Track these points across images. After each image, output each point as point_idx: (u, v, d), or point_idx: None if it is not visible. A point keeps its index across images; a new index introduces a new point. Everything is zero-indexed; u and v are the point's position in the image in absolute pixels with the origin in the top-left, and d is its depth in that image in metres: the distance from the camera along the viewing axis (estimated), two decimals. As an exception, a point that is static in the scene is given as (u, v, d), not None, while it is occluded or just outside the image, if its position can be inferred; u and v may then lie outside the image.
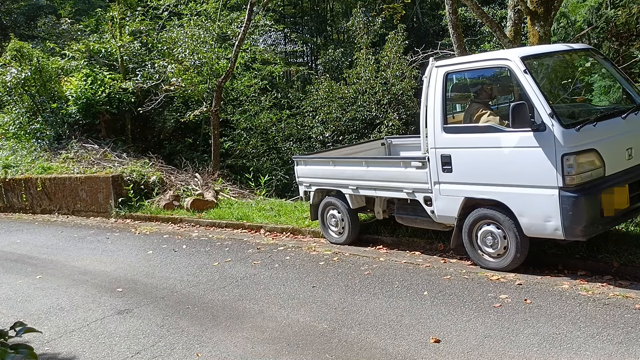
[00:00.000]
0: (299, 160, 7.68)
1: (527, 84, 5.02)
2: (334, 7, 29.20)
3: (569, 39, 9.88)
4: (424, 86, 5.87)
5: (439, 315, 4.64)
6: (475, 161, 5.42)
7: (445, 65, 5.76)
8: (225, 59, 15.80)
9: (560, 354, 3.80)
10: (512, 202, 5.17)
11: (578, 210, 4.77)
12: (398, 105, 13.55)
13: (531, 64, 5.38)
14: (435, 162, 5.73)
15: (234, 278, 6.30)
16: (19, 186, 13.14)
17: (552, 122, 4.83)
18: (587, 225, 4.82)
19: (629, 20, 9.12)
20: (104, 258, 7.91)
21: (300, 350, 4.28)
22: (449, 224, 5.93)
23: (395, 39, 14.05)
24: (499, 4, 19.14)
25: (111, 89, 14.69)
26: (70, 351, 4.76)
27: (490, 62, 5.58)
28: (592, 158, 4.92)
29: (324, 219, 7.42)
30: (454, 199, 5.66)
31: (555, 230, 4.92)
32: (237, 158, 16.49)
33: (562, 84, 6.27)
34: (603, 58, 6.19)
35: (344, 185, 6.93)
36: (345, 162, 7.10)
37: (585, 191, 4.81)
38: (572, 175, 4.79)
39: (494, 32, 8.27)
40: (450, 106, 5.96)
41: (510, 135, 5.10)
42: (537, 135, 4.91)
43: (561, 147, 4.79)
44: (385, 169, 6.47)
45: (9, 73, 14.46)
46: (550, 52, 6.05)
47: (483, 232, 5.54)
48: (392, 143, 8.37)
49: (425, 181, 5.91)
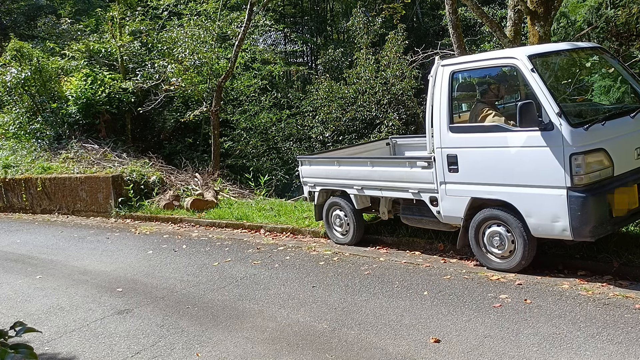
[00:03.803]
0: (304, 161, 7.62)
1: (534, 82, 4.97)
2: (334, 7, 29.20)
3: (569, 39, 9.88)
4: (430, 85, 5.81)
5: (439, 315, 4.64)
6: (482, 161, 5.37)
7: (451, 64, 5.71)
8: (225, 59, 15.80)
9: (560, 354, 3.80)
10: (519, 203, 5.12)
11: (586, 210, 4.71)
12: (398, 105, 13.55)
13: (538, 62, 5.30)
14: (441, 162, 5.68)
15: (234, 278, 6.30)
16: (19, 186, 13.14)
17: (560, 121, 4.77)
18: (595, 226, 4.76)
19: (629, 20, 9.12)
20: (104, 258, 7.91)
21: (300, 350, 4.28)
22: (455, 224, 5.87)
23: (395, 39, 14.06)
24: (499, 4, 19.14)
25: (111, 89, 14.69)
26: (70, 351, 4.76)
27: (497, 60, 5.51)
28: (600, 158, 4.86)
29: (329, 219, 7.37)
30: (460, 199, 5.61)
31: (564, 230, 4.87)
32: (237, 158, 16.50)
33: (568, 83, 6.23)
34: (610, 56, 6.13)
35: (349, 185, 6.88)
36: (350, 162, 7.04)
37: (594, 191, 4.76)
38: (581, 175, 4.73)
39: (494, 32, 8.27)
40: (457, 105, 5.91)
41: (518, 134, 5.04)
42: (545, 135, 4.86)
43: (569, 147, 4.74)
44: (390, 169, 6.42)
45: (9, 73, 14.46)
46: (557, 51, 5.97)
47: (490, 232, 5.48)
48: (396, 143, 8.30)
49: (431, 181, 5.86)
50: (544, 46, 6.29)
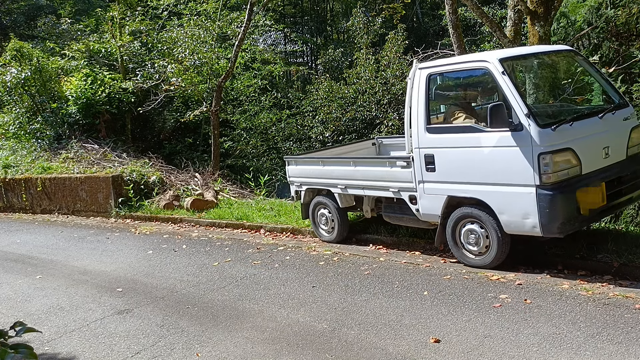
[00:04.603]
0: (290, 160, 7.84)
1: (505, 85, 5.15)
2: (334, 7, 29.20)
3: (569, 39, 9.87)
4: (408, 87, 6.00)
5: (439, 315, 4.64)
6: (457, 160, 5.54)
7: (428, 67, 5.89)
8: (225, 59, 15.80)
9: (560, 354, 3.80)
10: (492, 200, 5.29)
11: (554, 207, 4.88)
12: (398, 105, 13.54)
13: (510, 65, 5.52)
14: (419, 161, 5.85)
15: (234, 278, 6.30)
16: (19, 186, 13.15)
17: (528, 122, 4.95)
18: (563, 223, 4.93)
19: (629, 20, 9.11)
20: (104, 258, 7.91)
21: (300, 350, 4.28)
22: (433, 222, 6.03)
23: (395, 39, 14.05)
24: (499, 4, 19.14)
25: (111, 89, 14.70)
26: (70, 351, 4.76)
27: (470, 64, 5.74)
28: (568, 157, 5.02)
29: (315, 217, 7.53)
30: (437, 197, 5.78)
31: (533, 227, 5.03)
32: (237, 158, 16.49)
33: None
34: (583, 59, 6.29)
35: (334, 184, 7.03)
36: (334, 162, 7.22)
37: (562, 189, 4.93)
38: (549, 173, 4.90)
39: (494, 32, 8.26)
40: (435, 107, 6.08)
41: (490, 135, 5.21)
42: (515, 135, 5.03)
43: (537, 147, 4.91)
44: (372, 168, 6.59)
45: (9, 73, 14.46)
46: (529, 54, 6.22)
47: (466, 230, 5.64)
48: (382, 143, 8.50)
49: (410, 180, 6.03)
50: (515, 49, 6.53)
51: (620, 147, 5.52)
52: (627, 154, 5.57)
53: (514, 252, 5.55)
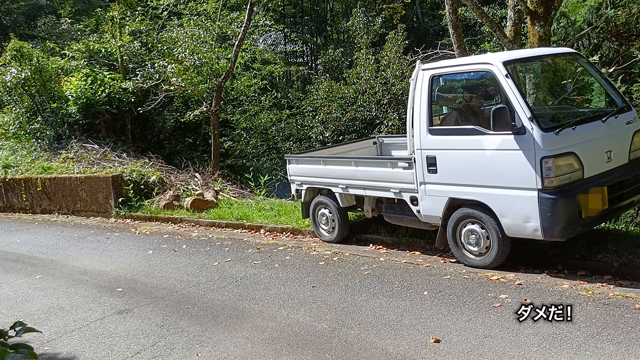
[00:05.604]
0: (291, 159, 7.81)
1: (508, 88, 5.14)
2: (334, 7, 29.19)
3: (569, 39, 9.87)
4: (411, 88, 6.00)
5: (439, 315, 4.64)
6: (459, 162, 5.54)
7: (431, 69, 5.88)
8: (225, 59, 15.80)
9: (560, 354, 3.80)
10: (493, 203, 5.29)
11: (556, 211, 4.88)
12: (398, 105, 13.53)
13: (513, 68, 5.52)
14: (421, 163, 5.85)
15: (234, 278, 6.30)
16: (19, 186, 13.14)
17: (531, 125, 4.95)
18: (565, 226, 4.93)
19: (629, 20, 9.11)
20: (104, 258, 7.91)
21: (300, 350, 4.28)
22: (434, 223, 6.04)
23: (395, 39, 14.04)
24: (499, 4, 19.13)
25: (111, 89, 14.69)
26: (70, 351, 4.76)
27: (474, 66, 5.75)
28: (570, 161, 5.02)
29: (315, 217, 7.52)
30: (438, 199, 5.78)
31: (535, 230, 5.03)
32: (237, 158, 16.48)
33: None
34: (586, 62, 6.29)
35: (334, 184, 7.03)
36: (335, 161, 7.20)
37: (564, 193, 4.92)
38: (551, 177, 4.90)
39: (494, 32, 8.26)
40: (438, 108, 6.08)
41: (493, 138, 5.20)
42: (518, 139, 5.03)
43: (540, 150, 4.91)
44: (373, 169, 6.59)
45: (9, 73, 14.45)
46: (533, 57, 6.22)
47: (466, 230, 5.65)
48: (383, 142, 8.46)
49: (411, 181, 6.02)
50: (519, 52, 6.53)
51: (623, 151, 5.51)
52: (629, 157, 5.56)
53: (514, 252, 5.55)
